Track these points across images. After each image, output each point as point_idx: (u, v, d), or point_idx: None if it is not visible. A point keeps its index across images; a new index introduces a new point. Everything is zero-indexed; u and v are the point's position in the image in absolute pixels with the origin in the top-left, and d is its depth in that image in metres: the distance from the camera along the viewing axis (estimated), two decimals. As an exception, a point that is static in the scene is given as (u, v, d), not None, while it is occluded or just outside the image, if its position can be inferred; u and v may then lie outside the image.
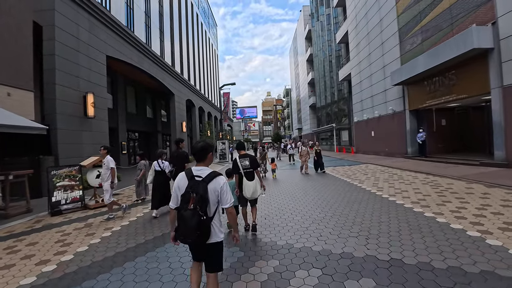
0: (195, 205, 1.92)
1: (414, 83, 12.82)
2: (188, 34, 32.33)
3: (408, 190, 6.66)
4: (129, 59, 15.15)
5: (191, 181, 2.04)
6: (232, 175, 4.80)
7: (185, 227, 1.91)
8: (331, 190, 7.39)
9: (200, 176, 2.07)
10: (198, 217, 1.90)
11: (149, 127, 23.70)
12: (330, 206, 5.66)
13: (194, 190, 1.97)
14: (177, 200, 2.08)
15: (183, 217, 1.92)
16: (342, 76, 24.16)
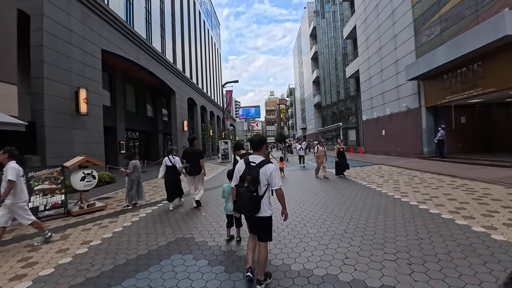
0: (248, 184, 2.46)
1: (432, 78, 11.86)
2: (190, 32, 31.61)
3: (439, 196, 5.75)
4: (126, 54, 14.40)
5: (247, 166, 2.60)
6: None
7: (240, 200, 2.50)
8: (347, 195, 6.49)
9: (255, 162, 2.60)
10: (250, 193, 2.44)
11: (150, 126, 22.98)
12: (350, 215, 4.78)
13: (249, 173, 2.52)
14: (237, 180, 2.64)
15: (240, 192, 2.52)
16: (349, 73, 23.19)
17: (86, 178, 6.26)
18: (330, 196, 6.54)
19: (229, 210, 3.86)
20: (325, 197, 6.47)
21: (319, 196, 6.63)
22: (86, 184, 6.28)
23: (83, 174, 6.24)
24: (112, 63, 16.29)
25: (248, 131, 79.04)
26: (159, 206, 6.52)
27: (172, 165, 6.15)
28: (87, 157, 6.43)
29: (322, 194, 6.83)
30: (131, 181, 6.53)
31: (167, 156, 6.18)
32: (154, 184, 10.41)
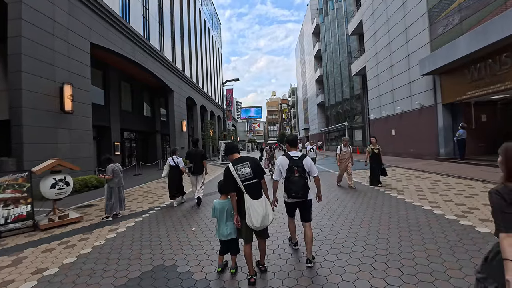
0: (299, 173, 2.99)
1: (450, 72, 10.85)
2: (190, 30, 30.76)
3: (479, 207, 4.75)
4: (120, 49, 13.50)
5: (291, 160, 3.07)
6: (225, 193, 3.02)
7: (296, 187, 2.95)
8: (364, 205, 5.51)
9: (297, 156, 3.12)
10: (304, 179, 3.00)
11: (147, 127, 22.09)
12: (375, 234, 3.80)
13: (295, 165, 3.02)
14: (280, 175, 3.12)
15: (294, 181, 2.96)
16: (355, 71, 22.18)
17: (57, 185, 5.33)
18: (344, 205, 5.56)
19: (223, 234, 2.91)
20: (338, 206, 5.49)
21: (331, 207, 5.64)
22: (58, 192, 5.35)
23: (54, 181, 5.31)
24: (106, 59, 15.43)
25: (250, 132, 78.13)
26: (144, 217, 5.58)
27: (176, 165, 6.43)
28: (58, 160, 5.50)
29: (333, 203, 5.85)
30: (110, 188, 5.58)
31: (171, 156, 6.43)
32: (146, 189, 9.47)
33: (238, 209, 2.75)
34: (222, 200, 2.93)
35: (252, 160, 2.83)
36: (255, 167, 2.78)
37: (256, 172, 2.76)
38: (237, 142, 60.56)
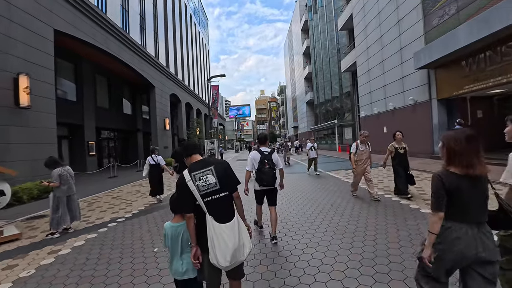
0: (269, 165, 3.56)
1: (446, 65, 10.29)
2: (175, 25, 29.46)
3: (501, 215, 4.02)
4: (91, 38, 12.20)
5: (262, 155, 3.63)
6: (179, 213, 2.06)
7: (267, 177, 3.54)
8: (374, 220, 4.70)
9: (267, 151, 3.68)
10: (273, 170, 3.58)
11: (127, 125, 20.72)
12: (398, 262, 2.95)
13: (266, 158, 3.60)
14: (252, 166, 3.66)
15: (265, 171, 3.55)
16: (345, 67, 21.60)
17: None
18: (346, 220, 4.73)
19: (178, 271, 1.97)
20: (338, 224, 4.65)
21: (330, 223, 4.80)
22: (-14, 204, 4.24)
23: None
24: (78, 50, 14.07)
25: (238, 131, 77.08)
26: (100, 232, 4.55)
27: (156, 163, 6.54)
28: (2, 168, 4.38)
29: (331, 214, 5.01)
30: (56, 198, 4.51)
31: (150, 155, 6.51)
32: (116, 194, 8.36)
33: (198, 238, 1.83)
34: (176, 223, 1.99)
35: (219, 164, 1.92)
36: (223, 175, 1.87)
37: (224, 181, 1.86)
38: (225, 141, 59.35)
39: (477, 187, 1.50)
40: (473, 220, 1.49)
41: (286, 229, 4.16)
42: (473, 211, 1.50)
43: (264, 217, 4.36)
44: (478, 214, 1.51)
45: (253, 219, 4.37)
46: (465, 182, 1.49)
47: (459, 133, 1.57)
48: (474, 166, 1.47)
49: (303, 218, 4.68)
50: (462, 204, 1.50)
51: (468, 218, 1.50)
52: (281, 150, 30.51)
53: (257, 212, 4.04)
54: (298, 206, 5.51)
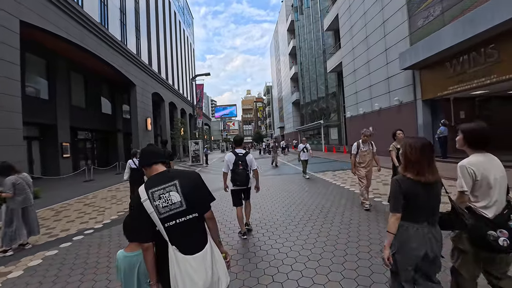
0: (243, 167, 3.76)
1: (431, 66, 10.33)
2: (159, 22, 28.52)
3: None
4: (64, 32, 11.32)
5: (237, 156, 3.83)
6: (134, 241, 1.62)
7: (240, 178, 3.76)
8: (366, 228, 4.42)
9: (241, 153, 3.87)
10: (246, 171, 3.78)
11: (107, 125, 19.68)
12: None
13: (240, 160, 3.79)
14: (228, 167, 3.87)
15: (239, 173, 3.76)
16: (331, 67, 21.62)
17: None
18: (345, 233, 4.42)
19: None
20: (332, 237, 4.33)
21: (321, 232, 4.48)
22: None
23: None
24: (51, 45, 13.07)
25: (224, 131, 76.28)
26: (61, 248, 3.99)
27: (137, 167, 6.22)
28: None
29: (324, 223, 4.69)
30: (9, 210, 3.91)
31: (131, 159, 6.21)
32: (90, 201, 7.68)
33: (160, 273, 1.41)
34: (130, 253, 1.56)
35: (186, 177, 1.50)
36: (190, 191, 1.46)
37: (192, 199, 1.45)
38: (211, 141, 58.42)
39: (430, 192, 1.65)
40: (425, 221, 1.66)
41: (270, 232, 3.86)
42: (425, 213, 1.66)
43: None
44: (430, 216, 1.67)
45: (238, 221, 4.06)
46: (419, 187, 1.63)
47: (415, 142, 1.70)
48: (425, 174, 1.62)
49: (287, 221, 4.40)
50: (416, 206, 1.65)
51: (421, 219, 1.66)
52: (267, 151, 30.34)
53: (238, 216, 4.00)
54: (284, 208, 5.17)
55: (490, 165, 1.78)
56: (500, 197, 1.74)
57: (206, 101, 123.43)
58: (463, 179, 1.77)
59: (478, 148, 1.84)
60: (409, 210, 1.66)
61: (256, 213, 5.17)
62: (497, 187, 1.73)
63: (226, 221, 4.83)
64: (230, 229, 4.38)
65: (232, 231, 4.24)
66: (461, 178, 1.78)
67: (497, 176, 1.75)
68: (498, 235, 1.61)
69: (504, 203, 1.76)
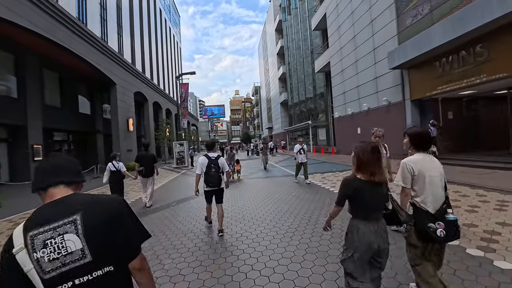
0: (215, 169, 4.06)
1: (420, 65, 10.17)
2: (143, 18, 27.59)
3: (503, 233, 3.49)
4: (32, 24, 10.41)
5: (210, 159, 4.10)
6: None
7: (213, 179, 4.05)
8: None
9: (214, 157, 4.15)
10: (218, 174, 4.08)
11: (85, 126, 18.58)
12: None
13: (212, 163, 4.08)
14: (202, 170, 4.09)
15: (211, 175, 4.04)
16: (318, 67, 21.42)
17: None
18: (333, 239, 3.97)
19: None
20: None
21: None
22: None
23: None
24: (18, 38, 12.04)
25: (212, 132, 75.28)
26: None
27: (116, 170, 6.30)
28: None
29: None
30: None
31: (111, 161, 6.27)
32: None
33: None
34: None
35: (97, 207, 0.96)
36: (99, 231, 0.92)
37: (103, 244, 0.91)
38: (198, 142, 57.36)
39: (377, 191, 1.81)
40: (373, 218, 1.81)
41: (252, 248, 3.33)
42: (373, 211, 1.83)
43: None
44: (377, 213, 1.84)
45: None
46: (367, 186, 1.78)
47: (366, 146, 1.84)
48: (375, 174, 1.78)
49: (272, 232, 3.86)
50: (365, 204, 1.82)
51: (370, 217, 1.82)
52: (255, 152, 29.86)
53: (207, 210, 4.57)
54: (269, 216, 4.68)
55: (428, 164, 1.96)
56: (435, 193, 1.90)
57: (194, 101, 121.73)
58: (402, 174, 1.98)
59: (421, 149, 2.06)
60: (360, 209, 1.85)
61: (239, 223, 4.68)
62: (433, 183, 1.90)
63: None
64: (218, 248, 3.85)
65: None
66: (400, 173, 1.99)
67: (433, 174, 1.92)
68: (436, 227, 1.79)
69: (443, 199, 1.91)
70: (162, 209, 6.21)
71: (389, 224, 1.95)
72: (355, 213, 1.87)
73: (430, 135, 2.13)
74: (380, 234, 1.79)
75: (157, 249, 3.72)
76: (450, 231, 1.80)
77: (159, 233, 4.45)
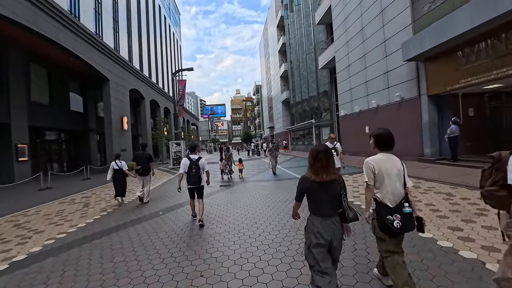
0: (195, 170, 4.60)
1: (438, 56, 9.15)
2: (141, 14, 26.74)
3: None
4: (10, 12, 9.47)
5: (191, 161, 4.64)
6: None
7: (193, 179, 4.61)
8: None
9: (195, 158, 4.68)
10: (198, 174, 4.63)
11: (77, 124, 17.68)
12: None
13: (193, 164, 4.61)
14: (184, 169, 4.66)
15: (192, 175, 4.60)
16: (322, 63, 20.39)
17: None
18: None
19: None
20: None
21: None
22: None
23: None
24: (4, 32, 11.13)
25: (213, 131, 74.33)
26: None
27: (119, 168, 6.80)
28: None
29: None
30: None
31: (114, 160, 6.85)
32: (25, 220, 5.97)
33: None
34: None
35: None
36: None
37: None
38: (199, 142, 56.44)
39: (326, 190, 1.97)
40: (324, 214, 1.99)
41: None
42: (323, 207, 2.00)
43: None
44: (328, 210, 1.99)
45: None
46: (316, 185, 1.97)
47: (312, 149, 2.08)
48: (318, 174, 1.97)
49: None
50: (315, 201, 2.02)
51: (320, 212, 2.00)
52: (256, 152, 28.85)
53: (190, 204, 4.99)
54: (268, 238, 3.73)
55: (388, 163, 2.19)
56: (394, 189, 2.12)
57: (195, 100, 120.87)
58: (365, 172, 2.23)
59: (384, 149, 2.27)
60: (311, 204, 2.05)
61: (233, 243, 3.72)
62: (393, 180, 2.13)
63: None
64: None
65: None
66: (364, 171, 2.24)
67: (392, 172, 2.15)
68: (393, 218, 2.01)
69: (402, 194, 2.13)
70: (146, 219, 5.25)
71: (343, 222, 2.05)
72: (310, 208, 2.07)
73: (391, 136, 2.25)
74: (331, 228, 1.94)
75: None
76: (407, 223, 2.00)
77: (139, 246, 3.50)
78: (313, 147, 2.11)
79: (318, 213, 1.99)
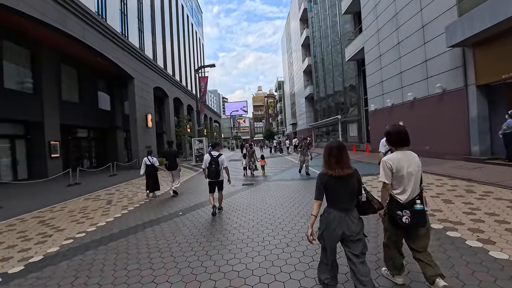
0: (215, 166, 5.04)
1: (490, 40, 7.98)
2: (164, 14, 27.03)
3: None
4: (38, 13, 9.73)
5: (212, 157, 5.08)
6: None
7: (212, 173, 5.06)
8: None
9: (215, 155, 5.11)
10: (217, 169, 5.06)
11: (105, 122, 18.29)
12: None
13: (213, 160, 5.04)
14: (206, 165, 5.13)
15: (211, 170, 5.05)
16: (350, 55, 19.22)
17: None
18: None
19: None
20: None
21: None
22: None
23: None
24: (33, 32, 11.60)
25: (235, 128, 74.62)
26: None
27: (151, 164, 7.41)
28: None
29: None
30: None
31: (147, 157, 7.47)
32: (50, 216, 6.00)
33: None
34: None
35: None
36: None
37: None
38: (221, 139, 56.91)
39: (343, 184, 2.02)
40: (341, 207, 2.03)
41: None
42: (340, 201, 2.03)
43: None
44: (345, 203, 2.03)
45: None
46: (333, 180, 2.03)
47: (326, 146, 2.17)
48: (333, 169, 2.03)
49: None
50: (333, 195, 2.06)
51: (337, 206, 2.04)
52: (279, 149, 28.13)
53: (210, 198, 5.21)
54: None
55: (406, 161, 2.12)
56: (412, 186, 2.11)
57: (217, 98, 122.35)
58: (383, 172, 2.18)
59: (398, 146, 2.21)
60: (329, 198, 2.09)
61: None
62: (411, 178, 2.10)
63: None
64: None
65: None
66: (382, 170, 2.19)
67: (411, 170, 2.11)
68: (403, 214, 2.04)
69: (418, 190, 2.14)
70: (165, 220, 4.97)
71: (363, 214, 2.12)
72: (327, 201, 2.12)
73: (404, 132, 2.18)
74: (346, 222, 1.98)
75: None
76: (416, 219, 2.03)
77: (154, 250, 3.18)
78: (327, 143, 2.20)
79: (333, 205, 2.06)
